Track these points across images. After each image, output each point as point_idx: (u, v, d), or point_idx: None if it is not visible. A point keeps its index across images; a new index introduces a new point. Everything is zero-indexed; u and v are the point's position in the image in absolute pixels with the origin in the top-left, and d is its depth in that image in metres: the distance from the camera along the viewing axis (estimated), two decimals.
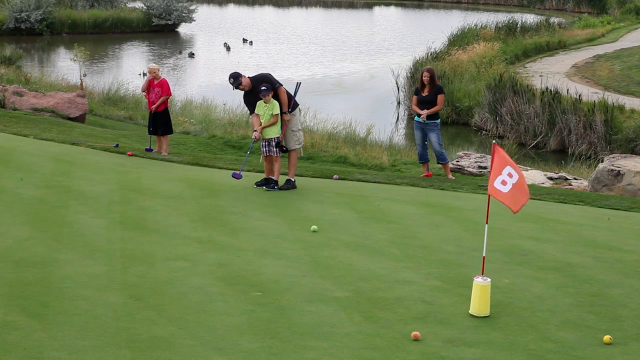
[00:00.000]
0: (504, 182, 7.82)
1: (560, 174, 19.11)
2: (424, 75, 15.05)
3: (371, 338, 7.27)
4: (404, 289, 8.51)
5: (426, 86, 15.02)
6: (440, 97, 14.98)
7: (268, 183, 13.26)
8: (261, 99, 13.02)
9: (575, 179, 18.35)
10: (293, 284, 8.54)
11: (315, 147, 20.37)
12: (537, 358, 7.03)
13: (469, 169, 19.69)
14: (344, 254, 9.67)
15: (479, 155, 21.26)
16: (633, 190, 16.26)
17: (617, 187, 16.49)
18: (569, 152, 26.70)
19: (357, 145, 21.73)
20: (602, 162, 19.70)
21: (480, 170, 19.42)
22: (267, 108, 13.04)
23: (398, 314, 7.84)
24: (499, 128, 29.74)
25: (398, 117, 33.87)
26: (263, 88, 12.94)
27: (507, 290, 8.61)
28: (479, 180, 15.94)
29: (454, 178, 15.54)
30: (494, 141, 8.44)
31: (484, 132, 30.14)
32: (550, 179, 18.39)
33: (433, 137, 15.17)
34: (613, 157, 20.00)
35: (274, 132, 13.12)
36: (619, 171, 16.69)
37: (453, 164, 20.04)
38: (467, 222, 11.46)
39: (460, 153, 21.36)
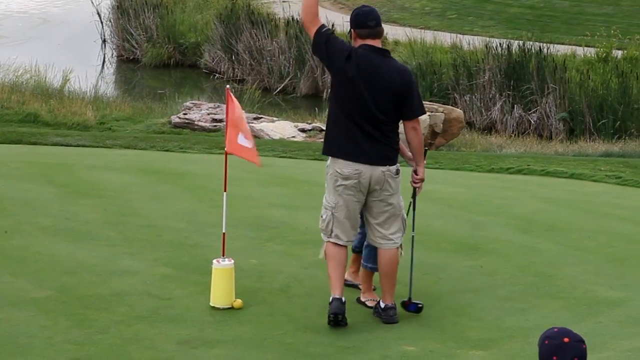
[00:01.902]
0: (247, 137, 7.99)
1: (314, 124, 19.77)
2: None
3: (83, 347, 7.24)
4: (124, 282, 8.52)
5: None
6: None
7: None
8: None
9: None
10: None
11: None
12: (295, 353, 7.30)
13: (200, 123, 19.89)
14: (42, 241, 9.52)
15: (212, 105, 21.51)
16: (401, 139, 17.10)
17: None
18: (324, 97, 27.59)
19: (52, 99, 21.31)
20: None
21: (215, 124, 19.67)
22: None
23: (118, 314, 7.84)
24: (236, 69, 30.20)
25: (104, 60, 33.51)
26: None
27: (256, 273, 8.84)
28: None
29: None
30: (227, 86, 8.59)
31: (217, 75, 30.48)
32: (303, 130, 18.99)
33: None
34: None
35: None
36: None
37: (180, 117, 20.18)
38: (201, 190, 11.61)
39: (188, 103, 21.53)
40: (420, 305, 7.97)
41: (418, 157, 7.90)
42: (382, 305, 7.87)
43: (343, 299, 7.68)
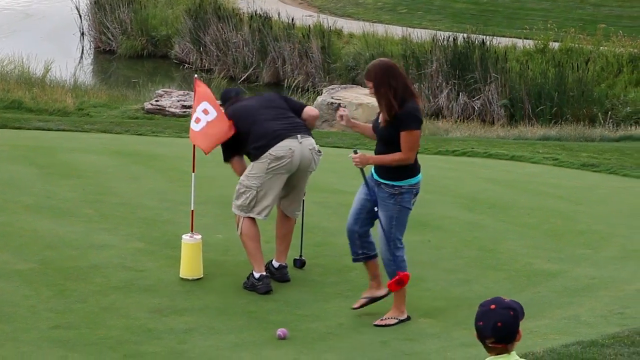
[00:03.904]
0: (197, 120, 7.95)
1: None
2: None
3: (63, 315, 7.21)
4: (100, 255, 8.49)
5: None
6: (406, 136, 7.85)
7: None
8: None
9: None
10: None
11: None
12: (258, 320, 7.32)
13: (171, 109, 19.80)
14: (25, 218, 9.45)
15: (181, 92, 21.41)
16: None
17: (338, 123, 17.21)
18: (285, 85, 27.53)
19: (34, 87, 21.12)
20: (320, 94, 20.49)
21: (185, 110, 19.59)
22: None
23: (95, 285, 7.83)
24: (204, 60, 30.06)
25: (83, 51, 33.25)
26: None
27: (221, 246, 8.83)
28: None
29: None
30: (195, 75, 8.55)
31: (186, 65, 30.34)
32: None
33: (382, 215, 7.59)
34: (332, 89, 20.86)
35: None
36: (339, 104, 17.47)
37: (152, 104, 20.07)
38: (172, 171, 11.57)
39: (159, 91, 21.41)
40: (304, 260, 8.29)
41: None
42: (276, 264, 8.06)
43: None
